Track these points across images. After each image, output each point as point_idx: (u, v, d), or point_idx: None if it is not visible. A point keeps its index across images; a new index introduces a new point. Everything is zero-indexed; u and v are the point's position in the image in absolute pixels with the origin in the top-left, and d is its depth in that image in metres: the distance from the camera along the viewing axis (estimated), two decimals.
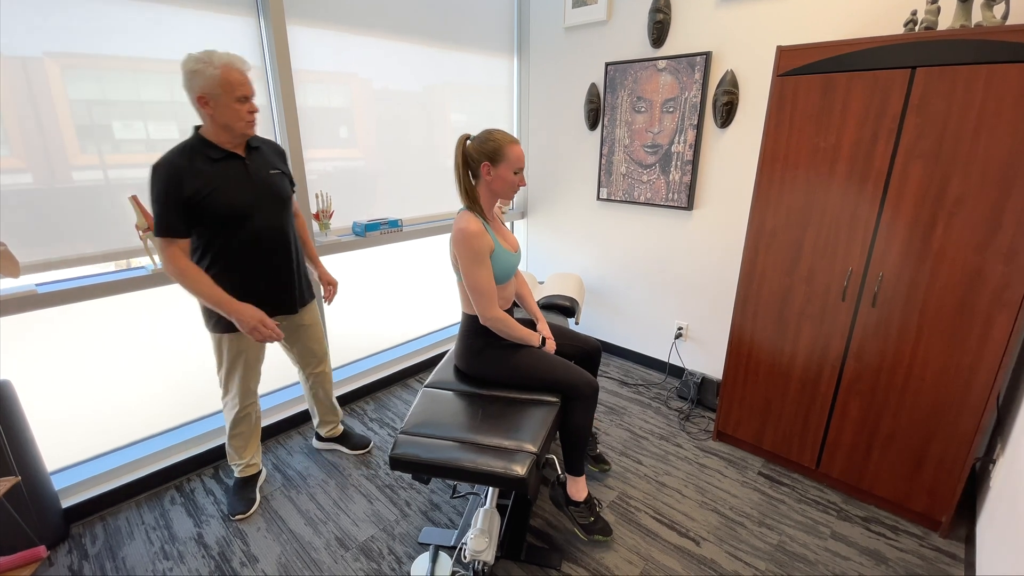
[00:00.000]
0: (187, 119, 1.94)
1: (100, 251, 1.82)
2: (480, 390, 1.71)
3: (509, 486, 1.36)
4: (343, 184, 2.47)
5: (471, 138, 1.61)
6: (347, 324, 2.71)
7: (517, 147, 1.58)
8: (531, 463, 1.36)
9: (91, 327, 1.89)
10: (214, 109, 1.52)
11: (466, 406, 1.63)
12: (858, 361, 1.86)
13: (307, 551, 1.75)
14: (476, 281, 1.57)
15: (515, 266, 1.71)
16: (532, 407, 1.61)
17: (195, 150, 1.55)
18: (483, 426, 1.52)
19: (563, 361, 1.70)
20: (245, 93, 1.53)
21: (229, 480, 2.08)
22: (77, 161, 1.72)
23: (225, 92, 1.49)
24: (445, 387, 1.74)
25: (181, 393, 2.19)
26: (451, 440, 1.47)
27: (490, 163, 1.57)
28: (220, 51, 1.50)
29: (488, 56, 3.07)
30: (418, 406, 1.63)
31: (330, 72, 2.34)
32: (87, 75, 1.71)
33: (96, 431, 1.99)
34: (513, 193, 1.64)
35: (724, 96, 2.35)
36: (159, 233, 1.52)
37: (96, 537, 1.79)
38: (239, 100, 1.53)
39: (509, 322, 1.65)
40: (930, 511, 1.81)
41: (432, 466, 1.40)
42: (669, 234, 2.77)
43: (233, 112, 1.53)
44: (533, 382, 1.68)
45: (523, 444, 1.43)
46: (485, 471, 1.36)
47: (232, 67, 1.50)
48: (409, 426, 1.54)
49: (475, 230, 1.54)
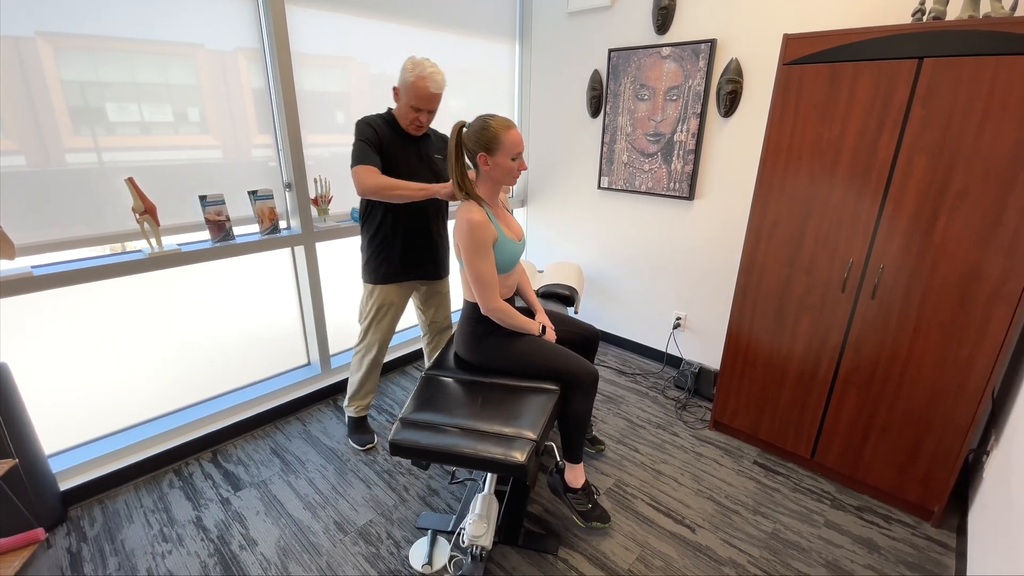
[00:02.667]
0: (182, 101, 1.91)
1: (95, 234, 1.80)
2: (480, 377, 1.71)
3: (508, 472, 1.36)
4: (343, 169, 2.44)
5: (466, 126, 1.56)
6: (345, 310, 2.70)
7: (513, 131, 1.53)
8: (530, 450, 1.37)
9: (88, 310, 1.88)
10: (398, 102, 1.86)
11: (466, 393, 1.63)
12: (856, 352, 1.87)
13: (306, 535, 1.76)
14: (478, 272, 1.56)
15: (519, 255, 1.70)
16: (532, 395, 1.61)
17: (387, 121, 1.89)
18: (483, 413, 1.52)
19: (563, 349, 1.70)
20: (419, 105, 1.81)
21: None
22: (71, 143, 1.70)
23: (407, 95, 1.80)
24: (445, 374, 1.74)
25: (179, 376, 2.18)
26: (451, 426, 1.47)
27: (487, 153, 1.52)
28: (431, 64, 1.79)
29: (490, 41, 3.03)
30: (418, 392, 1.63)
31: (329, 55, 2.30)
32: (81, 56, 1.68)
33: (94, 414, 1.99)
34: (514, 179, 1.61)
35: (728, 85, 2.33)
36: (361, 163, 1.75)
37: (94, 520, 1.80)
38: (414, 107, 1.82)
39: (510, 312, 1.65)
40: (923, 501, 1.83)
41: (432, 452, 1.41)
42: (669, 224, 2.77)
43: (405, 112, 1.85)
44: (533, 370, 1.68)
45: (523, 431, 1.44)
46: (485, 457, 1.36)
47: (424, 80, 1.76)
48: (409, 412, 1.54)
49: (478, 220, 1.52)
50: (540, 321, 1.82)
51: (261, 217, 2.14)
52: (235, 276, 2.26)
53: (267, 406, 2.35)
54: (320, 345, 2.52)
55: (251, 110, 2.10)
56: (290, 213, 2.31)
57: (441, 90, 1.82)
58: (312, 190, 2.30)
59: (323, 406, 2.53)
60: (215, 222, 1.99)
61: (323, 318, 2.49)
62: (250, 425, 2.30)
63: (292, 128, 2.15)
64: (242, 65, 2.04)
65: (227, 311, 2.27)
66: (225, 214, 2.01)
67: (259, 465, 2.10)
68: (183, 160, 1.97)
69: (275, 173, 2.22)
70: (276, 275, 2.41)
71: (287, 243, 2.26)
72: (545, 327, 1.77)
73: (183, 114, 1.93)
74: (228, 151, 2.08)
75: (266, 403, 2.37)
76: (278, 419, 2.41)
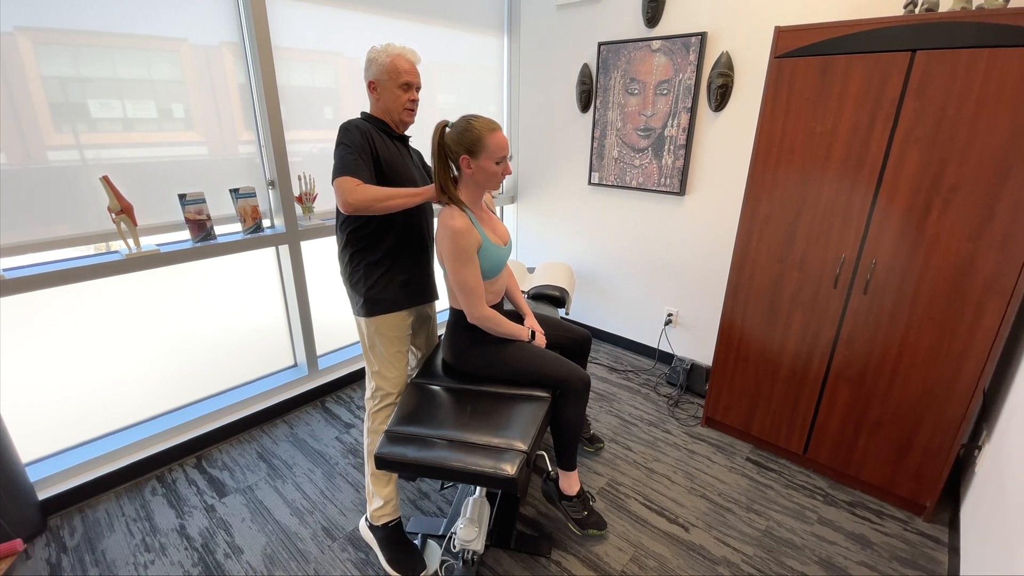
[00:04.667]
0: (165, 97, 1.85)
1: (78, 233, 1.75)
2: (469, 385, 1.66)
3: (499, 486, 1.32)
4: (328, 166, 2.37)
5: (449, 125, 1.49)
6: (332, 310, 2.65)
7: (498, 135, 1.46)
8: (521, 462, 1.33)
9: (67, 312, 1.82)
10: (380, 94, 1.59)
11: (454, 402, 1.58)
12: (849, 348, 1.86)
13: (293, 541, 1.72)
14: (463, 280, 1.50)
15: (505, 260, 1.64)
16: (522, 402, 1.57)
17: (372, 124, 1.59)
18: (472, 423, 1.47)
19: (553, 355, 1.66)
20: (408, 80, 1.59)
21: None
22: (51, 141, 1.66)
23: (391, 78, 1.56)
24: (433, 382, 1.69)
25: (161, 380, 2.13)
26: (439, 438, 1.42)
27: (469, 156, 1.45)
28: (398, 43, 1.59)
29: (477, 33, 2.98)
30: (405, 402, 1.58)
31: (311, 50, 2.24)
32: (61, 51, 1.63)
33: (73, 420, 1.93)
34: (498, 184, 1.56)
35: (719, 79, 2.30)
36: (347, 174, 1.45)
37: (74, 529, 1.75)
38: (402, 87, 1.58)
39: (497, 319, 1.59)
40: (915, 496, 1.83)
41: (420, 466, 1.35)
42: (660, 220, 2.74)
43: (394, 97, 1.59)
44: (523, 377, 1.63)
45: (513, 442, 1.39)
46: (474, 471, 1.31)
47: (402, 56, 1.57)
48: (395, 424, 1.48)
49: (461, 227, 1.45)
50: (529, 326, 1.78)
51: (244, 216, 2.08)
52: (218, 277, 2.20)
53: (253, 409, 2.30)
54: (307, 346, 2.47)
55: (237, 106, 2.04)
56: (274, 211, 2.25)
57: (419, 61, 1.64)
58: (296, 187, 2.25)
59: (310, 408, 2.49)
60: (195, 221, 1.94)
61: (309, 318, 2.44)
62: (235, 429, 2.25)
63: (274, 124, 2.10)
64: (228, 60, 1.98)
65: (210, 312, 2.22)
66: (206, 213, 1.96)
67: (244, 470, 2.05)
68: (167, 157, 1.91)
69: (258, 170, 2.17)
70: (260, 275, 2.35)
71: (271, 242, 2.21)
72: (534, 332, 1.73)
73: (167, 110, 1.88)
74: (214, 148, 2.02)
75: (252, 406, 2.32)
76: (264, 422, 2.36)
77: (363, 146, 1.50)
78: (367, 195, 1.45)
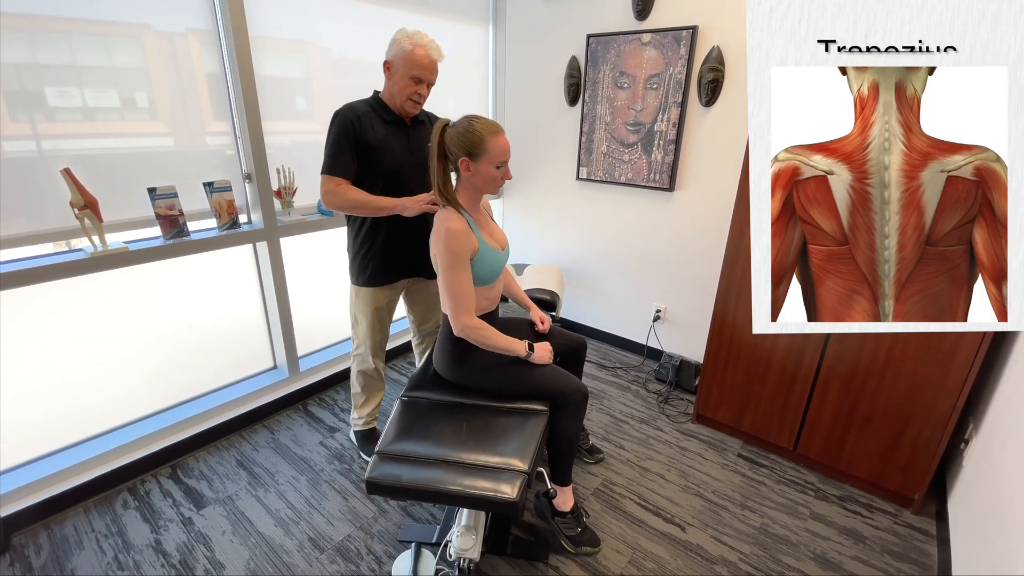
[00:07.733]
0: (128, 86, 1.73)
1: (36, 230, 1.62)
2: (463, 399, 1.58)
3: (499, 510, 1.27)
4: (309, 159, 2.27)
5: (450, 124, 1.43)
6: (314, 310, 2.55)
7: (501, 138, 1.41)
8: (522, 484, 1.27)
9: (27, 315, 1.69)
10: (391, 76, 1.68)
11: (449, 418, 1.51)
12: (840, 345, 1.87)
13: (278, 554, 1.64)
14: (451, 285, 1.42)
15: (502, 265, 1.58)
16: (519, 417, 1.51)
17: (372, 106, 1.71)
18: (468, 442, 1.40)
19: (551, 367, 1.60)
20: (420, 75, 1.66)
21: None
22: (7, 131, 1.54)
23: (405, 67, 1.63)
24: (425, 396, 1.61)
25: (132, 385, 2.01)
26: (434, 459, 1.35)
27: (469, 158, 1.40)
28: (426, 35, 1.66)
29: (461, 24, 2.89)
30: (396, 419, 1.50)
31: (290, 39, 2.13)
32: (16, 36, 1.51)
33: (36, 431, 1.80)
34: (497, 188, 1.50)
35: (710, 73, 2.28)
36: (328, 172, 1.65)
37: (40, 547, 1.63)
38: (413, 78, 1.65)
39: (487, 331, 1.48)
40: (903, 489, 1.86)
41: (414, 490, 1.28)
42: (649, 215, 2.72)
43: (404, 85, 1.66)
44: (520, 390, 1.57)
45: (511, 461, 1.33)
46: (472, 495, 1.25)
47: (425, 50, 1.64)
48: (387, 443, 1.40)
49: (458, 229, 1.39)
50: (535, 317, 1.75)
51: (219, 211, 1.97)
52: (192, 275, 2.08)
53: (231, 414, 2.20)
54: (287, 347, 2.37)
55: (205, 96, 1.92)
56: (251, 206, 2.14)
57: (441, 59, 1.70)
58: (275, 181, 2.14)
59: (292, 412, 2.39)
60: (167, 217, 1.82)
61: (290, 318, 2.34)
62: (212, 435, 2.14)
63: (251, 115, 1.99)
64: (194, 48, 1.86)
65: (184, 313, 2.10)
66: (178, 208, 1.84)
67: (224, 479, 1.95)
68: (133, 149, 1.79)
69: (233, 163, 2.05)
70: (237, 273, 2.24)
71: (248, 239, 2.10)
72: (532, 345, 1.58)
73: (130, 99, 1.76)
74: (181, 139, 1.90)
75: (230, 411, 2.21)
76: (243, 428, 2.25)
77: (345, 135, 1.64)
78: (341, 200, 1.66)
